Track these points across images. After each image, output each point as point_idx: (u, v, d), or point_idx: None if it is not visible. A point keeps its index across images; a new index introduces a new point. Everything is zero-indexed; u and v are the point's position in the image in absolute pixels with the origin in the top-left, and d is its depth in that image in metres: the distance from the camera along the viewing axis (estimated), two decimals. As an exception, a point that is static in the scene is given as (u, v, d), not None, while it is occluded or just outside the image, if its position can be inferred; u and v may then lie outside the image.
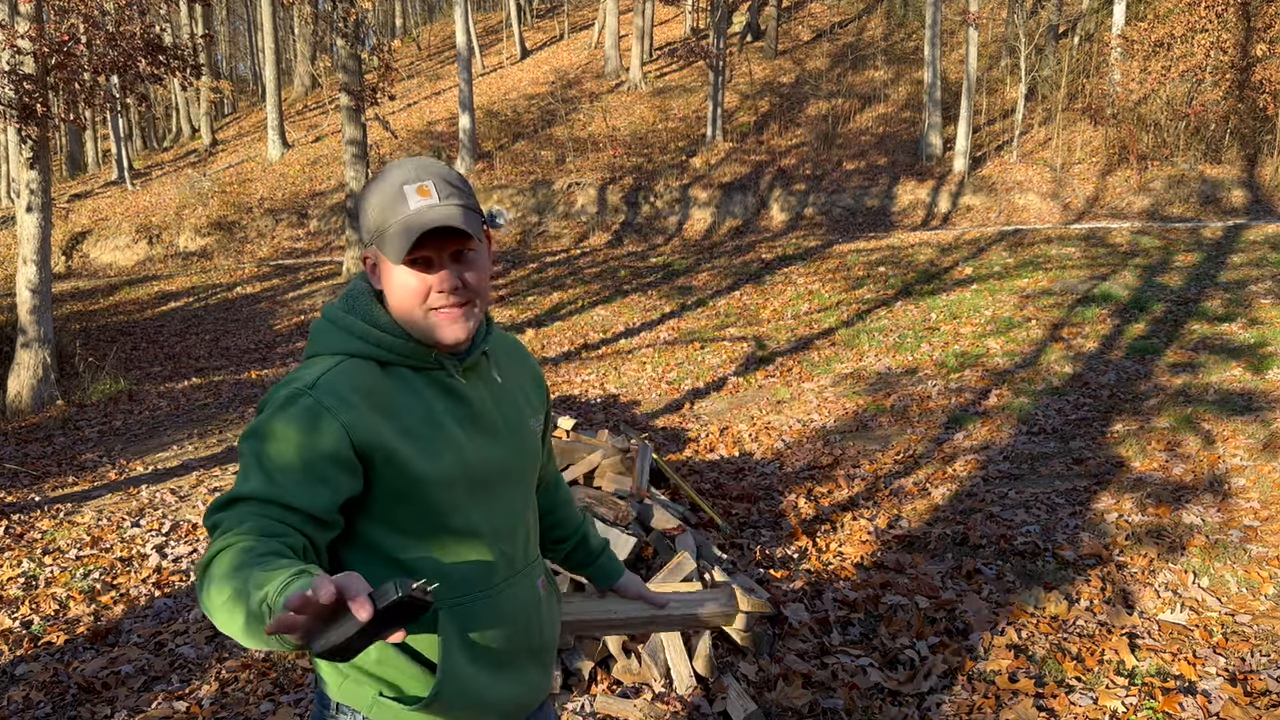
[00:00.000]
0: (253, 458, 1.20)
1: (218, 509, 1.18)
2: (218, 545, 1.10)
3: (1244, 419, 5.99)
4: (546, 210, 19.86)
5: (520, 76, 28.38)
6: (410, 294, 1.27)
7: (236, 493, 1.18)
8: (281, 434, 1.20)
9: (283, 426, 1.20)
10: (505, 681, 1.37)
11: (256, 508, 1.16)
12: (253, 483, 1.17)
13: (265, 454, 1.19)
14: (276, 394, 1.25)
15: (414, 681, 1.31)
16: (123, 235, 20.16)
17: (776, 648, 3.36)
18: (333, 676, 1.35)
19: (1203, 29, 16.80)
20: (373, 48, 15.45)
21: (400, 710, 1.31)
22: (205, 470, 6.39)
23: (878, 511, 4.94)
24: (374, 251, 1.30)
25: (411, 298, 1.27)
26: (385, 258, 1.27)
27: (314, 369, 1.27)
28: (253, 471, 1.19)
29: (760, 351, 9.41)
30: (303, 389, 1.23)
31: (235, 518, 1.15)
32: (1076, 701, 2.95)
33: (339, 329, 1.32)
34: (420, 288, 1.27)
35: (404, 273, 1.26)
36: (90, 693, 3.37)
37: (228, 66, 47.03)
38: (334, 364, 1.27)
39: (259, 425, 1.22)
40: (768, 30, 27.04)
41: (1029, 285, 10.63)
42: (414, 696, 1.31)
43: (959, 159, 18.34)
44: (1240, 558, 3.97)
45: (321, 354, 1.31)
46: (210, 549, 1.11)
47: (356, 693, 1.33)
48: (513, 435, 1.41)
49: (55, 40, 8.39)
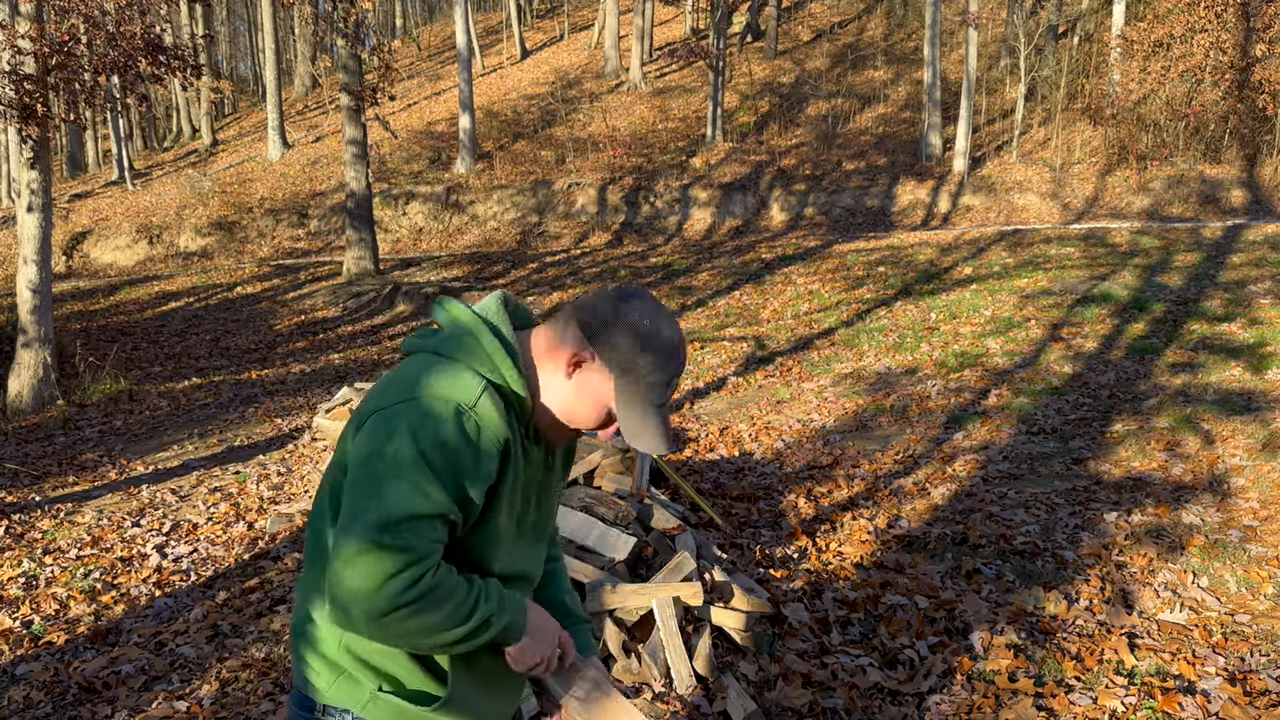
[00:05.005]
0: (422, 469, 1.23)
1: (398, 525, 1.21)
2: (446, 577, 1.24)
3: (1244, 419, 5.99)
4: (546, 210, 19.87)
5: (520, 77, 28.38)
6: (596, 414, 1.38)
7: (415, 510, 1.21)
8: (445, 447, 1.24)
9: (449, 440, 1.25)
10: (500, 698, 1.48)
11: (430, 528, 1.23)
12: (428, 502, 1.23)
13: (432, 466, 1.23)
14: (430, 402, 1.26)
15: (415, 678, 1.36)
16: (123, 235, 20.16)
17: (776, 647, 3.36)
18: (326, 676, 1.37)
19: (1202, 29, 16.80)
20: (373, 48, 15.45)
21: (400, 705, 1.36)
22: (205, 470, 6.39)
23: (877, 511, 4.94)
24: (601, 363, 1.35)
25: (595, 417, 1.39)
26: (613, 381, 1.35)
27: (468, 386, 1.29)
28: (427, 486, 1.23)
29: (760, 351, 9.41)
30: (467, 408, 1.27)
31: (425, 541, 1.22)
32: (1076, 701, 2.95)
33: (491, 353, 1.34)
34: (605, 419, 1.39)
35: (609, 402, 1.37)
36: (90, 693, 3.37)
37: (228, 66, 47.04)
38: (484, 388, 1.30)
39: (421, 432, 1.24)
40: (768, 30, 27.04)
41: (1029, 285, 10.63)
42: (414, 691, 1.36)
43: (959, 159, 18.34)
44: (1240, 558, 3.98)
45: (470, 366, 1.33)
46: (424, 576, 1.21)
47: (351, 691, 1.36)
48: (551, 498, 1.52)
49: (55, 40, 8.39)
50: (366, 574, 1.18)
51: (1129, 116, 17.48)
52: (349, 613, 1.20)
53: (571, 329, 1.36)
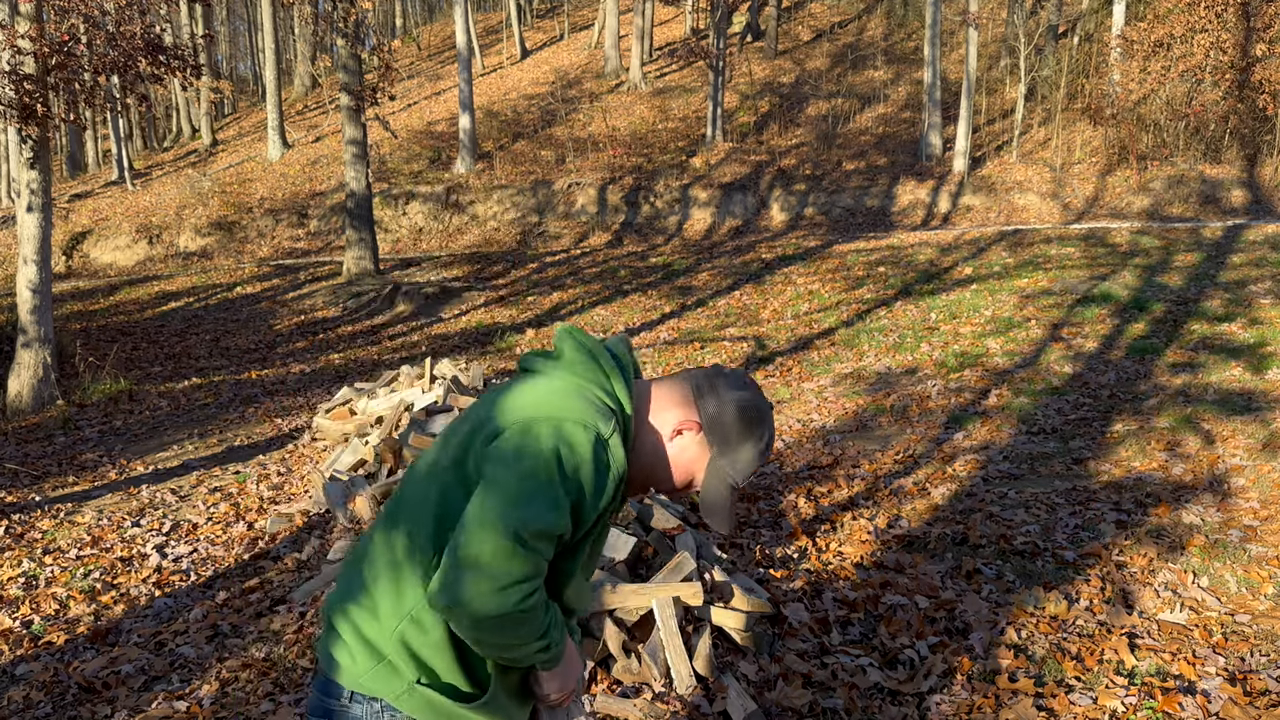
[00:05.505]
0: (559, 488, 1.30)
1: (534, 537, 1.28)
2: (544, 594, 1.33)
3: (1244, 419, 5.99)
4: (546, 210, 19.86)
5: (520, 76, 28.38)
6: (680, 481, 1.49)
7: (549, 526, 1.29)
8: (580, 472, 1.32)
9: (585, 466, 1.32)
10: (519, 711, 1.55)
11: (551, 546, 1.32)
12: (560, 520, 1.31)
13: (567, 488, 1.31)
14: (575, 426, 1.32)
15: (451, 674, 1.41)
16: (123, 235, 20.16)
17: (776, 647, 3.36)
18: (364, 662, 1.39)
19: (1202, 29, 16.80)
20: (373, 48, 15.44)
21: (433, 698, 1.39)
22: (205, 470, 6.39)
23: (878, 511, 4.94)
24: (706, 437, 1.45)
25: (678, 482, 1.49)
26: (713, 456, 1.45)
27: (606, 418, 1.36)
28: (560, 505, 1.30)
29: (760, 351, 9.41)
30: (605, 439, 1.35)
31: (546, 558, 1.31)
32: (1076, 701, 2.95)
33: (620, 395, 1.42)
34: (683, 487, 1.51)
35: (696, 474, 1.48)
36: (90, 693, 3.37)
37: (228, 66, 47.03)
38: (616, 424, 1.37)
39: (565, 453, 1.31)
40: (768, 30, 27.04)
41: (1029, 285, 10.63)
42: (449, 685, 1.41)
43: (959, 159, 18.34)
44: (1240, 557, 3.97)
45: (604, 400, 1.40)
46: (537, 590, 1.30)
47: (388, 680, 1.38)
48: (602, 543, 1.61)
49: (55, 40, 8.39)
50: (497, 577, 1.25)
51: (1129, 116, 17.48)
52: (465, 607, 1.25)
53: (686, 398, 1.45)
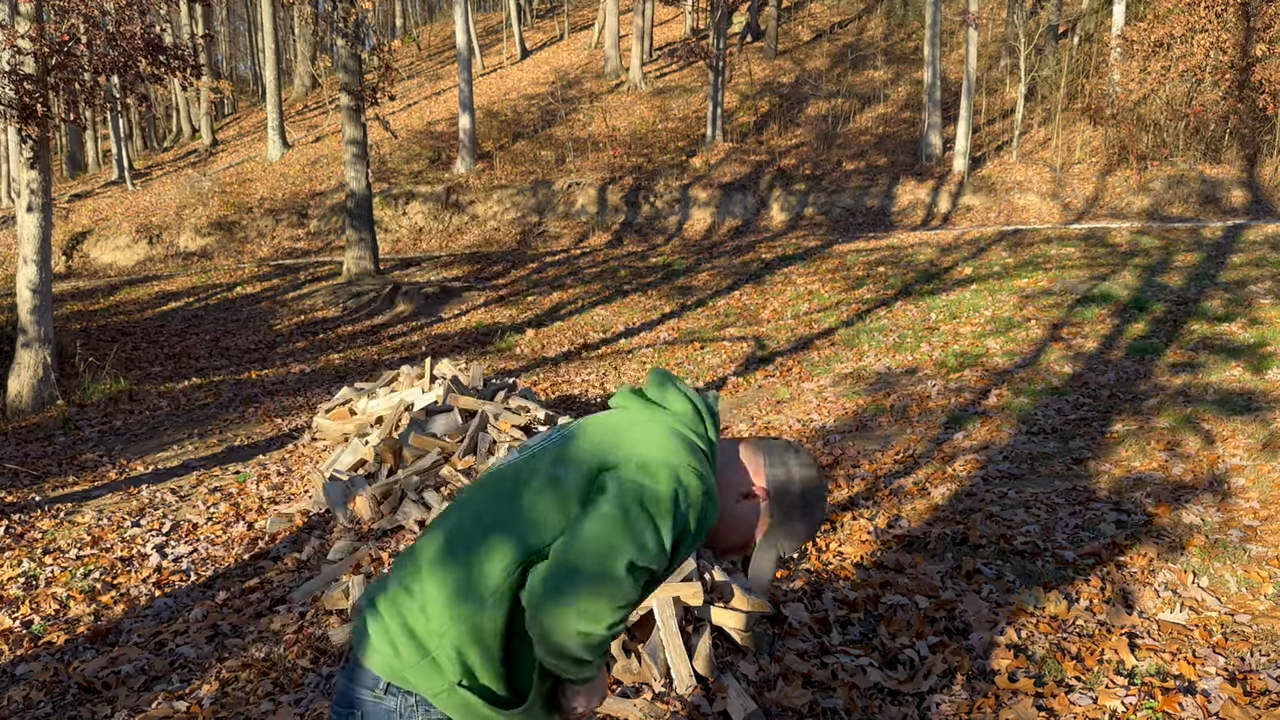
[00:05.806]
0: (669, 529, 1.37)
1: (640, 570, 1.35)
2: None
3: (1244, 419, 5.99)
4: (546, 210, 19.86)
5: (520, 76, 28.38)
6: (736, 543, 1.57)
7: (653, 563, 1.36)
8: (685, 517, 1.39)
9: (693, 510, 1.40)
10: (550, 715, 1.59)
11: (648, 581, 1.40)
12: (664, 558, 1.38)
13: (675, 529, 1.39)
14: (690, 473, 1.40)
15: (489, 677, 1.43)
16: (123, 235, 20.16)
17: (776, 647, 3.36)
18: (408, 656, 1.40)
19: (1202, 29, 16.80)
20: (373, 48, 15.45)
21: (472, 700, 1.40)
22: (205, 470, 6.39)
23: (877, 511, 4.94)
24: (770, 507, 1.54)
25: (733, 544, 1.57)
26: (771, 525, 1.54)
27: (708, 470, 1.44)
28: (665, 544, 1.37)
29: (760, 351, 9.41)
30: (710, 496, 1.43)
31: (639, 589, 1.37)
32: (1076, 701, 2.95)
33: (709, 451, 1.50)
34: (735, 549, 1.58)
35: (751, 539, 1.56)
36: (90, 693, 3.37)
37: (228, 66, 47.03)
38: (711, 488, 1.44)
39: (680, 497, 1.38)
40: (768, 30, 27.04)
41: (1029, 285, 10.63)
42: (488, 689, 1.44)
43: (959, 159, 18.34)
44: (1240, 557, 3.97)
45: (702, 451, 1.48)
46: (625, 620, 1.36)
47: (431, 677, 1.40)
48: None
49: (55, 40, 8.39)
50: (605, 602, 1.31)
51: (1129, 116, 17.48)
52: (559, 621, 1.31)
53: (759, 466, 1.54)
